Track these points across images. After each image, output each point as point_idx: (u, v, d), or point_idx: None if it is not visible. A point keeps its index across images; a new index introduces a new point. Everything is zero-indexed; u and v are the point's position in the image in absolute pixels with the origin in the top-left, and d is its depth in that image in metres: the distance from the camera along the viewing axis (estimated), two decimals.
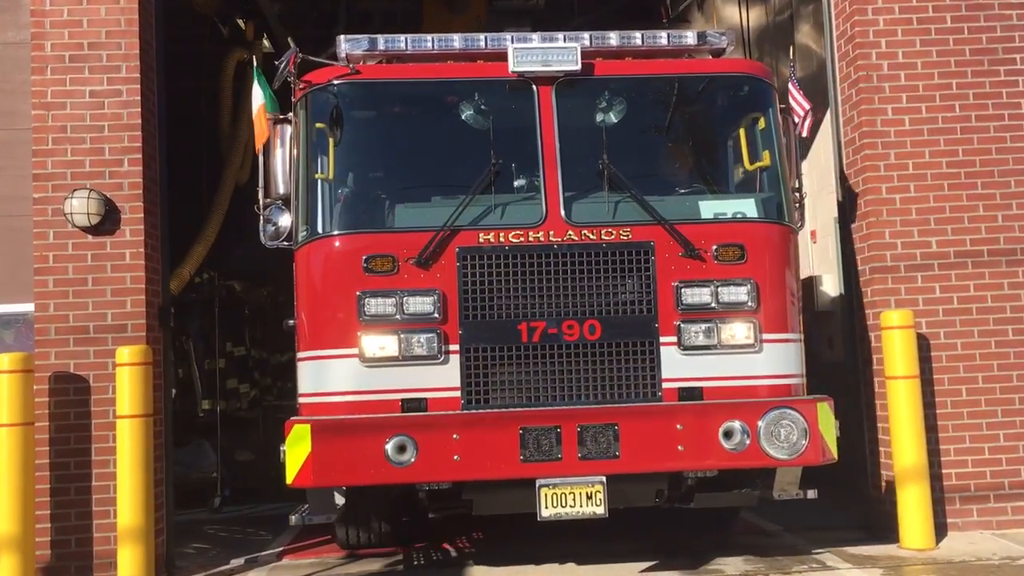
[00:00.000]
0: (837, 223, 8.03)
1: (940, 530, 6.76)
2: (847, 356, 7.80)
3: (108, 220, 6.73)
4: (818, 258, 9.63)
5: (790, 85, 6.66)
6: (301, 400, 5.91)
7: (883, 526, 7.01)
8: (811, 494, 6.04)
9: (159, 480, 6.67)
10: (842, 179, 7.61)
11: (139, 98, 6.85)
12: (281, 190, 6.19)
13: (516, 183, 6.07)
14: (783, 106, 6.50)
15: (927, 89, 7.26)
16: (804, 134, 6.54)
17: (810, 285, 9.49)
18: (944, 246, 7.13)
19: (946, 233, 7.14)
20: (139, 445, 6.29)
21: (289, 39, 9.11)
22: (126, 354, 6.38)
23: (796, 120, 6.50)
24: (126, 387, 6.32)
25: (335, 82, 6.06)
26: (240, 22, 11.49)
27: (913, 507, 6.58)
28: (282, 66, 5.86)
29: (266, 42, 11.90)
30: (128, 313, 6.69)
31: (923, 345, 6.96)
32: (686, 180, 6.39)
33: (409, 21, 13.45)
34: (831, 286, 9.17)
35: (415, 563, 6.79)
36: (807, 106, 6.45)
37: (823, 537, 6.95)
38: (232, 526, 8.80)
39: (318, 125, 6.04)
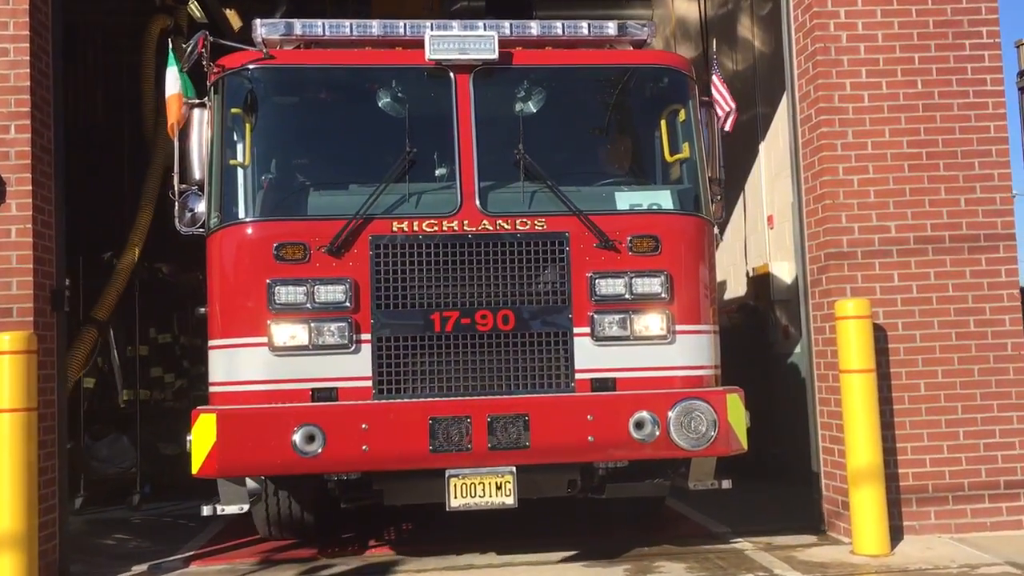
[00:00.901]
0: (793, 207, 7.71)
1: (896, 533, 6.40)
2: (801, 347, 7.52)
3: None
4: (775, 244, 9.51)
5: (714, 77, 6.67)
6: (212, 389, 5.84)
7: (836, 529, 6.77)
8: (725, 484, 6.08)
9: (49, 480, 6.16)
10: (797, 160, 7.26)
11: (28, 57, 6.24)
12: (197, 176, 6.11)
13: (437, 172, 6.03)
14: (704, 98, 6.52)
15: (888, 63, 6.85)
16: (728, 130, 6.53)
17: (766, 273, 9.40)
18: (903, 231, 6.74)
19: (906, 217, 6.75)
20: (19, 442, 5.68)
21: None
22: (5, 341, 5.76)
23: (720, 114, 6.51)
24: (5, 378, 5.70)
25: (249, 67, 5.98)
26: None
27: (867, 510, 6.20)
28: (189, 49, 5.76)
29: (195, 7, 11.14)
30: (14, 296, 6.10)
31: (880, 336, 6.57)
32: (604, 171, 6.38)
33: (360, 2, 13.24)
34: (787, 273, 9.01)
35: (327, 569, 6.43)
36: (732, 104, 6.45)
37: (773, 542, 6.70)
38: (148, 526, 8.30)
39: (232, 110, 5.97)
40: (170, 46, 6.30)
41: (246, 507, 5.82)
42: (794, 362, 8.79)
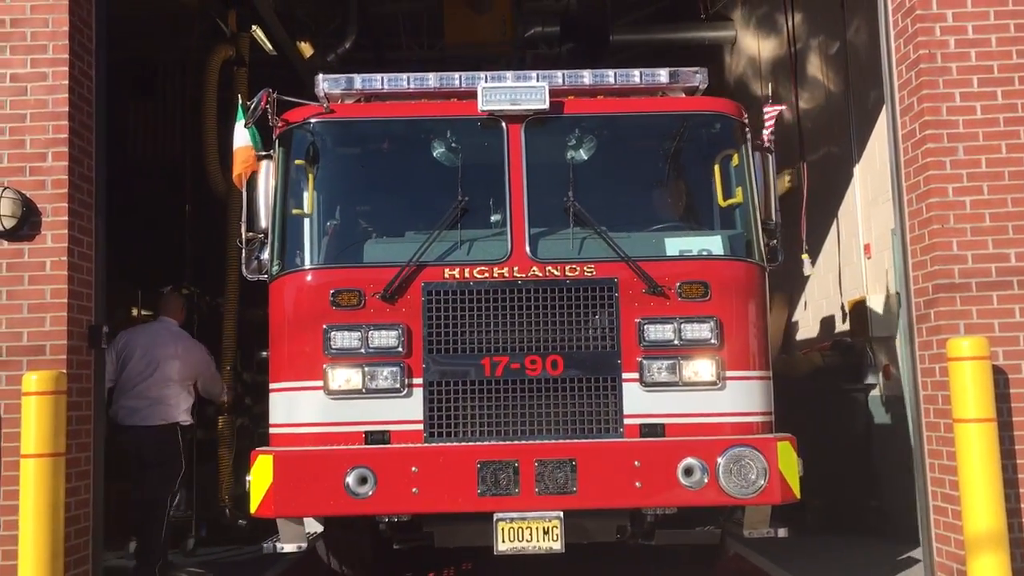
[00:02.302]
0: (894, 234, 7.11)
1: None
2: (906, 391, 6.88)
3: (26, 223, 5.89)
4: (872, 275, 8.98)
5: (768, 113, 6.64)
6: (272, 430, 6.05)
7: None
8: (781, 532, 6.02)
9: (82, 530, 5.83)
10: (899, 180, 6.61)
11: (67, 82, 6.00)
12: (263, 224, 6.38)
13: (492, 218, 6.18)
14: (759, 142, 6.53)
15: (1003, 71, 6.17)
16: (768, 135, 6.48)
17: (863, 307, 8.81)
18: None
19: None
20: (46, 488, 5.40)
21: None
22: (33, 381, 5.48)
23: (767, 141, 6.48)
24: (32, 420, 5.45)
25: (311, 120, 6.24)
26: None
27: None
28: (253, 105, 6.04)
29: (261, 36, 10.87)
30: (46, 333, 5.80)
31: (1000, 380, 5.87)
32: (654, 217, 6.42)
33: (432, 22, 13.45)
34: (888, 307, 8.49)
35: None
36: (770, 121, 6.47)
37: None
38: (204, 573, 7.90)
39: (295, 162, 6.24)
40: (240, 101, 6.60)
41: (304, 545, 6.00)
42: (897, 406, 8.24)
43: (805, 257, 8.99)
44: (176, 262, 11.22)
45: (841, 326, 9.65)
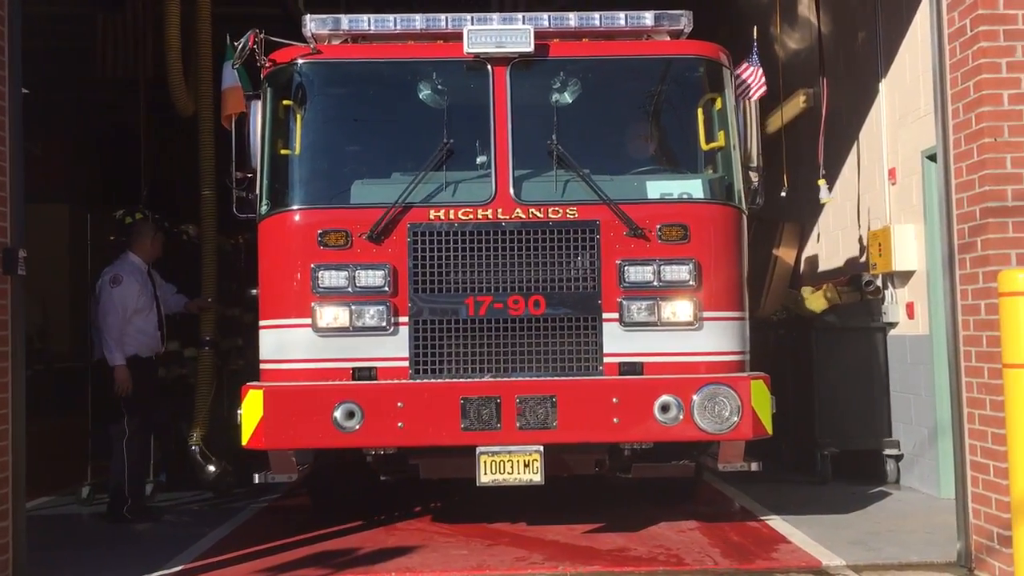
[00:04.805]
0: (924, 157, 6.56)
1: None
2: (942, 330, 6.27)
3: None
4: (898, 203, 8.32)
5: (748, 63, 6.70)
6: (262, 366, 6.23)
7: (988, 568, 5.36)
8: (755, 466, 6.25)
9: (2, 479, 5.26)
10: (943, 87, 5.83)
11: None
12: (252, 164, 6.47)
13: (478, 160, 6.27)
14: (739, 83, 6.60)
15: None
16: (751, 98, 6.55)
17: (887, 238, 8.13)
18: None
19: None
20: None
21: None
22: None
23: (747, 84, 6.53)
24: None
25: (298, 61, 6.29)
26: None
27: None
28: (241, 45, 6.08)
29: None
30: None
31: None
32: (637, 160, 6.51)
33: None
34: (915, 237, 7.92)
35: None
36: (761, 79, 6.50)
37: None
38: (158, 520, 7.55)
39: (283, 103, 6.31)
40: (228, 41, 6.63)
41: (295, 476, 6.23)
42: (920, 347, 7.79)
43: (822, 183, 8.89)
44: (133, 184, 10.58)
45: (859, 259, 9.08)
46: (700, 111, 6.39)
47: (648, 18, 6.42)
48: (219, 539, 6.82)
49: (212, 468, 8.37)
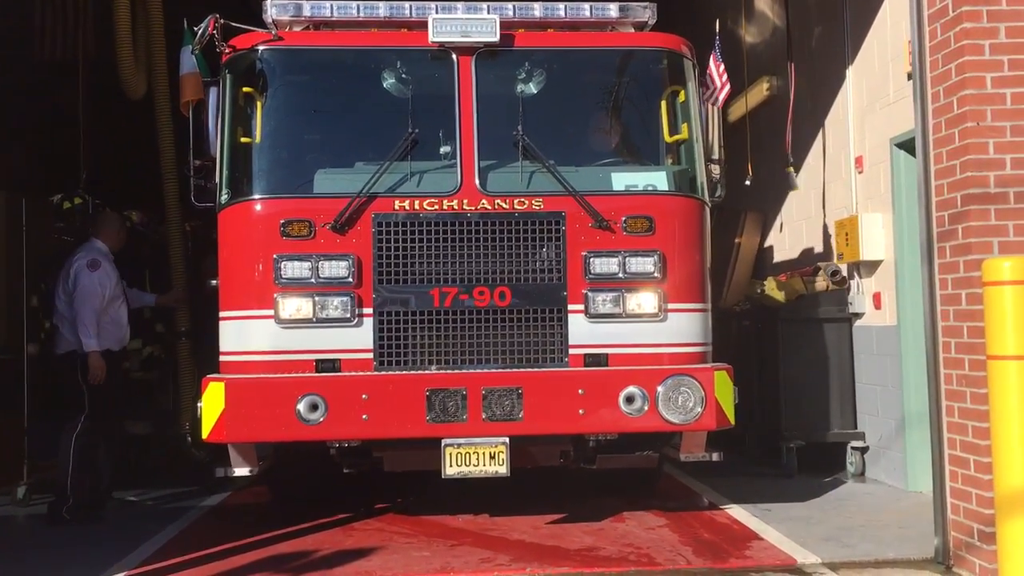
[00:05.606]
0: (893, 144, 6.41)
1: None
2: (910, 320, 6.26)
3: None
4: (864, 192, 8.19)
5: (711, 58, 6.75)
6: (222, 358, 6.11)
7: (967, 566, 5.23)
8: (715, 456, 6.30)
9: None
10: (923, 69, 5.66)
11: None
12: (211, 152, 6.33)
13: (442, 149, 6.22)
14: (702, 77, 6.65)
15: None
16: (719, 105, 6.63)
17: (853, 227, 8.05)
18: None
19: None
20: None
21: None
22: None
23: (713, 87, 6.58)
24: None
25: (259, 48, 6.18)
26: None
27: (1021, 544, 4.63)
28: (201, 30, 5.95)
29: None
30: None
31: None
32: (602, 152, 6.53)
33: None
34: (882, 226, 7.84)
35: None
36: (724, 79, 6.55)
37: None
38: (89, 527, 7.04)
39: (243, 90, 6.19)
40: (186, 26, 6.48)
41: (256, 470, 6.13)
42: (888, 338, 7.68)
43: (791, 171, 8.83)
44: (71, 168, 10.00)
45: (824, 249, 9.01)
46: (663, 103, 6.42)
47: (613, 9, 6.43)
48: (166, 542, 6.47)
49: (202, 453, 8.18)
